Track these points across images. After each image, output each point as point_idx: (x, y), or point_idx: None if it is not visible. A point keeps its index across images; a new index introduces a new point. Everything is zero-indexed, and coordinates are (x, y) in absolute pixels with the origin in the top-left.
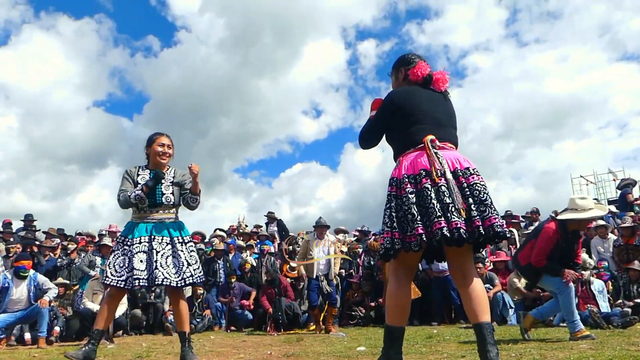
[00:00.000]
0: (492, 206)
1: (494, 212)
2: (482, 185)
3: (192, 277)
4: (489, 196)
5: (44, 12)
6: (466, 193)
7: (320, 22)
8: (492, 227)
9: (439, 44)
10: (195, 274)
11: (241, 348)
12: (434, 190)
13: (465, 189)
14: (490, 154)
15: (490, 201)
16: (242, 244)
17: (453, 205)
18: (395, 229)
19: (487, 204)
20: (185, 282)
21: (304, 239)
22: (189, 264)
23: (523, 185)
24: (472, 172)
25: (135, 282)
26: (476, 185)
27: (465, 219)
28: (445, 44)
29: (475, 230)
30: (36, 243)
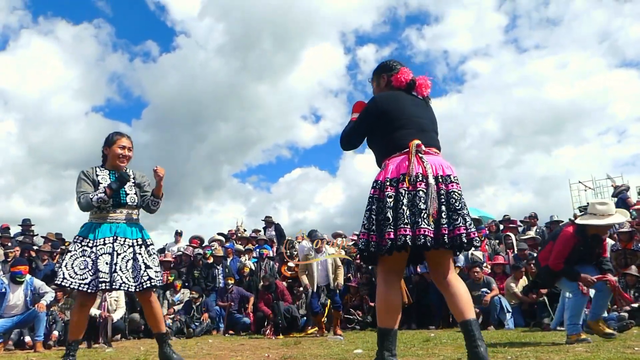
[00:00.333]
0: (465, 216)
1: (465, 223)
2: (459, 194)
3: (150, 281)
4: (464, 205)
5: (43, 17)
6: (442, 200)
7: (320, 27)
8: (459, 237)
9: (438, 50)
10: (153, 276)
11: (239, 351)
12: (408, 195)
13: (442, 195)
14: (489, 159)
15: (465, 211)
16: (241, 248)
17: (426, 211)
18: (374, 231)
19: (460, 213)
20: (142, 287)
21: (304, 249)
22: (147, 266)
23: (522, 190)
24: (452, 180)
25: (100, 285)
26: (454, 193)
27: (434, 226)
28: (444, 50)
29: (440, 238)
30: (34, 248)
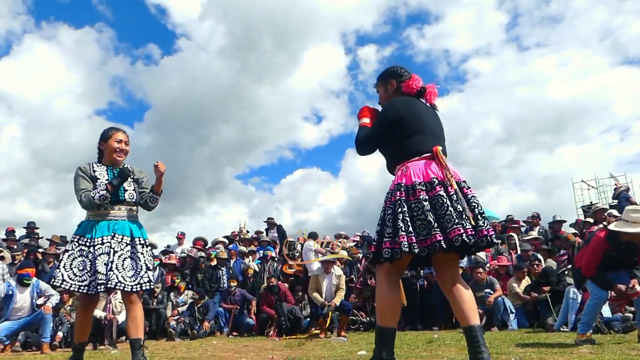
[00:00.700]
0: (485, 219)
1: (489, 224)
2: (477, 198)
3: (149, 283)
4: (482, 209)
5: (45, 22)
6: (472, 204)
7: (320, 27)
8: (489, 237)
9: (439, 49)
10: (152, 279)
11: (243, 352)
12: (448, 198)
13: (470, 199)
14: (491, 158)
15: (485, 214)
16: (244, 249)
17: (464, 213)
18: (411, 232)
19: (484, 215)
20: (141, 287)
21: (312, 273)
22: (148, 268)
23: (524, 190)
24: (468, 186)
25: (99, 287)
26: (474, 198)
27: (474, 226)
28: (445, 49)
29: (483, 239)
30: (40, 250)
